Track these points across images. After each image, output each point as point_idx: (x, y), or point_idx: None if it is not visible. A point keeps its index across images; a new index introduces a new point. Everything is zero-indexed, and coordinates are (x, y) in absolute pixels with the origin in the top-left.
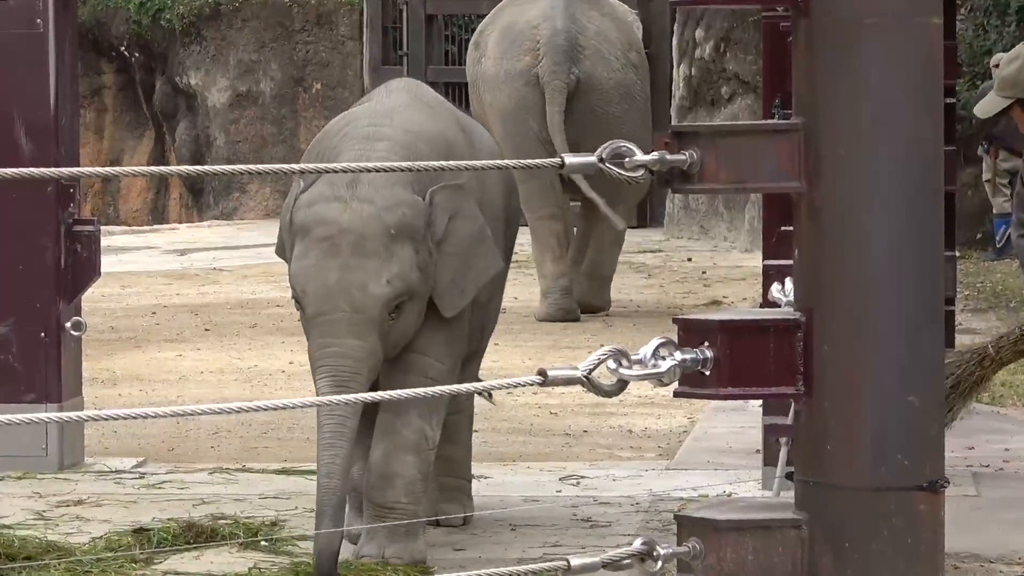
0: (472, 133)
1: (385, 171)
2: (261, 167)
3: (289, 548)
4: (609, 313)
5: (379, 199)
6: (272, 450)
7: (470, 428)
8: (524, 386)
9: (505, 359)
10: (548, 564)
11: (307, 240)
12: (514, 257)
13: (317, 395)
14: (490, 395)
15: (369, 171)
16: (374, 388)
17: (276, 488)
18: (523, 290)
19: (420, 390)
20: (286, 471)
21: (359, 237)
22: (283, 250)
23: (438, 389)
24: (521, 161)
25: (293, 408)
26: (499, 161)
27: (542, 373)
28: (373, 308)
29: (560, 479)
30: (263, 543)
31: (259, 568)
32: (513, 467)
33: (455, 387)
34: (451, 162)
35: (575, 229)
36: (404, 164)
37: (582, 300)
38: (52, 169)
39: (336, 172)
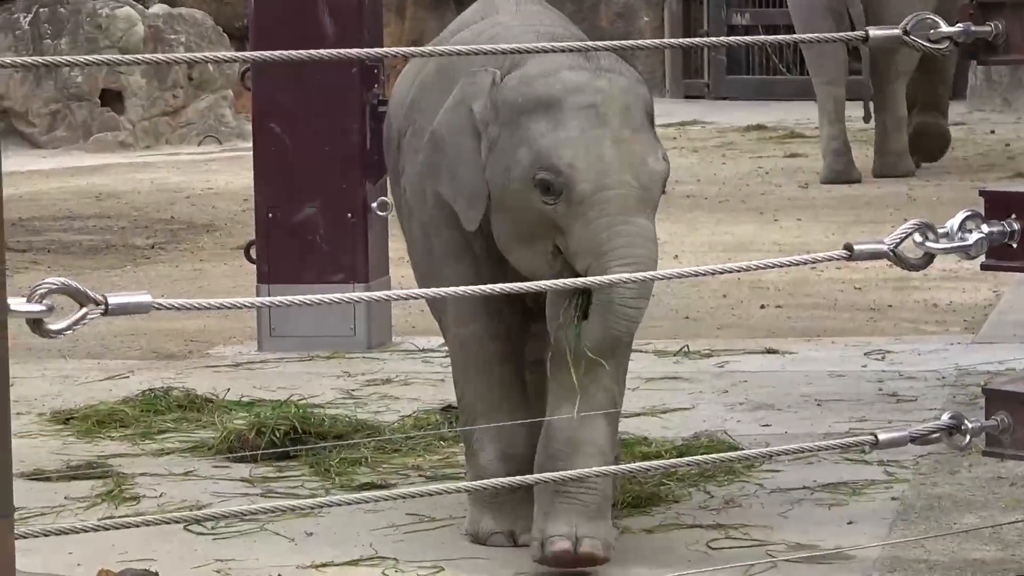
0: None
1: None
2: (549, 44)
3: None
4: (912, 187)
5: (625, 71)
6: None
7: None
8: (830, 260)
9: (807, 234)
10: (856, 439)
11: (558, 112)
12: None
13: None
14: None
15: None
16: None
17: None
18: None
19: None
20: None
21: (625, 107)
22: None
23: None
24: (827, 35)
25: (625, 283)
26: (806, 35)
27: (848, 247)
28: (656, 187)
29: (865, 354)
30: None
31: None
32: (818, 342)
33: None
34: (759, 37)
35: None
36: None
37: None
38: (357, 50)
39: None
